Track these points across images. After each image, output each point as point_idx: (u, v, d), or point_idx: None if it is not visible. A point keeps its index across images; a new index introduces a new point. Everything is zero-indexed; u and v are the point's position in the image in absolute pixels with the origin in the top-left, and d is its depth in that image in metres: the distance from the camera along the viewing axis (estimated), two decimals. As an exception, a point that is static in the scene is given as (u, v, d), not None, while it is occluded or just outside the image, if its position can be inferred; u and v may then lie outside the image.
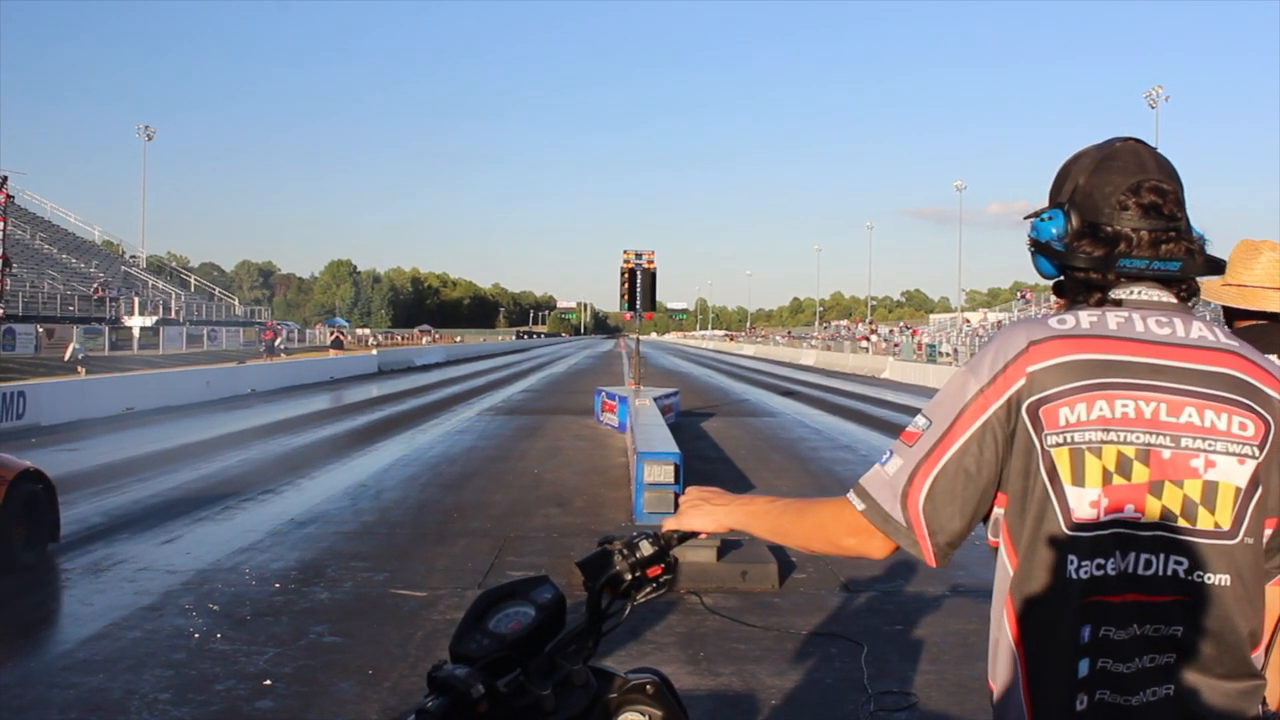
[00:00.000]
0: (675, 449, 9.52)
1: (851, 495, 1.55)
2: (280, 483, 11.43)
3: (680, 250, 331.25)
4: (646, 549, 1.75)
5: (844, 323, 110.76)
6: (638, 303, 19.61)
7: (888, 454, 1.53)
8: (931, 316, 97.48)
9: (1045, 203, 1.63)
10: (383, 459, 13.54)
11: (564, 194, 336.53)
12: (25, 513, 7.26)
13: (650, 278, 19.67)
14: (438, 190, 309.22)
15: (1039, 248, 1.59)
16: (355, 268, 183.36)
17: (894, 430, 15.91)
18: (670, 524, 1.77)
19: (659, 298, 21.01)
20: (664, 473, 9.05)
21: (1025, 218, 1.63)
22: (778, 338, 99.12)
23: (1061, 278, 1.59)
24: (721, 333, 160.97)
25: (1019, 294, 70.74)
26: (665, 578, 1.78)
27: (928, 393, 28.00)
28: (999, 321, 59.23)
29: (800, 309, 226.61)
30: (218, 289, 77.05)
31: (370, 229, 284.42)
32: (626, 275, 19.63)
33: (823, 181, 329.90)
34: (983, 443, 1.45)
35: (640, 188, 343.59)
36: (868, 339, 62.56)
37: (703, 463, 13.16)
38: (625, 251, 19.78)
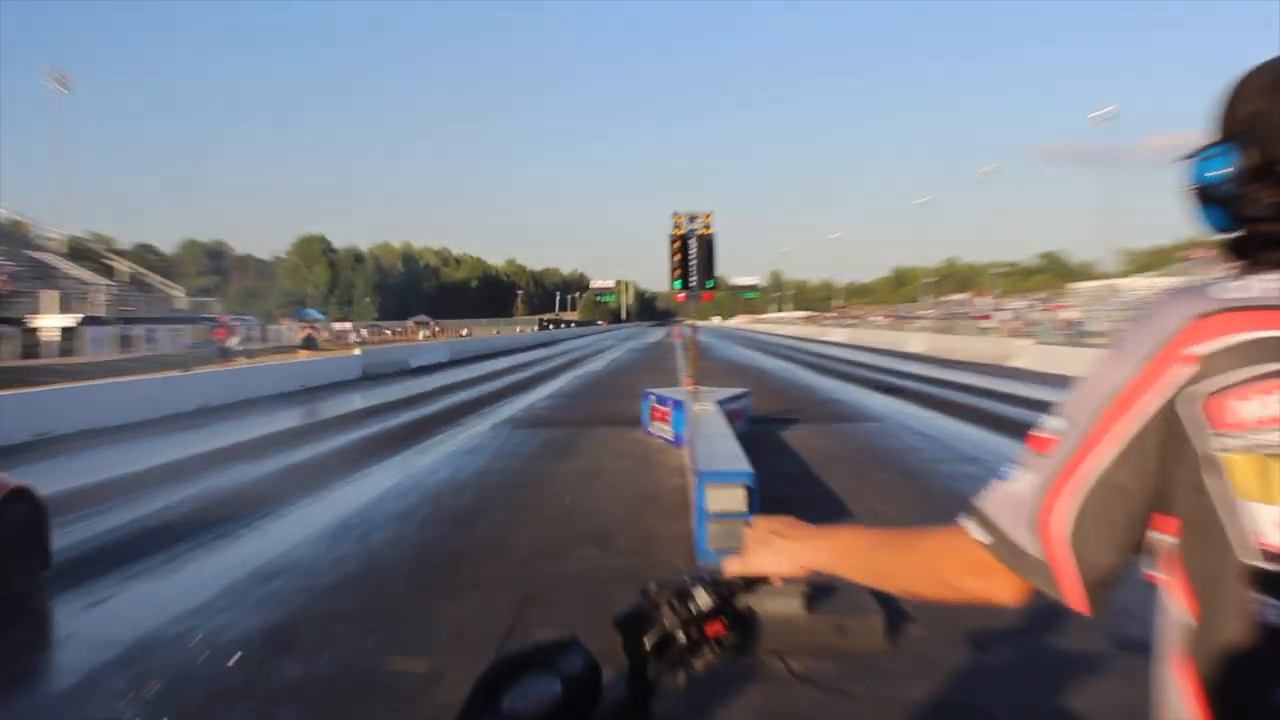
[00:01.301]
0: (747, 467, 9.64)
1: (968, 521, 1.53)
2: (239, 524, 11.61)
3: (746, 211, 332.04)
4: (704, 599, 1.72)
5: (961, 297, 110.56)
6: (693, 279, 19.75)
7: (1014, 467, 1.52)
8: (1075, 286, 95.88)
9: (1212, 136, 1.58)
10: (370, 490, 13.74)
11: (596, 144, 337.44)
12: (17, 537, 8.38)
13: (708, 246, 19.81)
14: (433, 145, 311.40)
15: (1203, 194, 1.56)
16: (330, 245, 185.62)
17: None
18: (734, 566, 1.77)
19: (720, 272, 21.00)
20: (732, 499, 9.19)
21: (1185, 157, 1.59)
22: (876, 318, 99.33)
23: (1236, 233, 1.54)
24: (803, 314, 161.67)
25: (1189, 253, 68.92)
26: (729, 638, 1.74)
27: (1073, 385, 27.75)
28: (1164, 291, 58.48)
29: (904, 281, 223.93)
30: (156, 277, 78.03)
31: (348, 196, 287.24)
32: (678, 244, 19.77)
33: (926, 113, 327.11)
34: (1136, 449, 1.43)
35: (692, 134, 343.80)
36: (990, 317, 62.73)
37: (784, 484, 13.35)
38: (675, 215, 19.84)
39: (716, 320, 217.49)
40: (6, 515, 8.21)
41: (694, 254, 19.64)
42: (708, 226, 19.75)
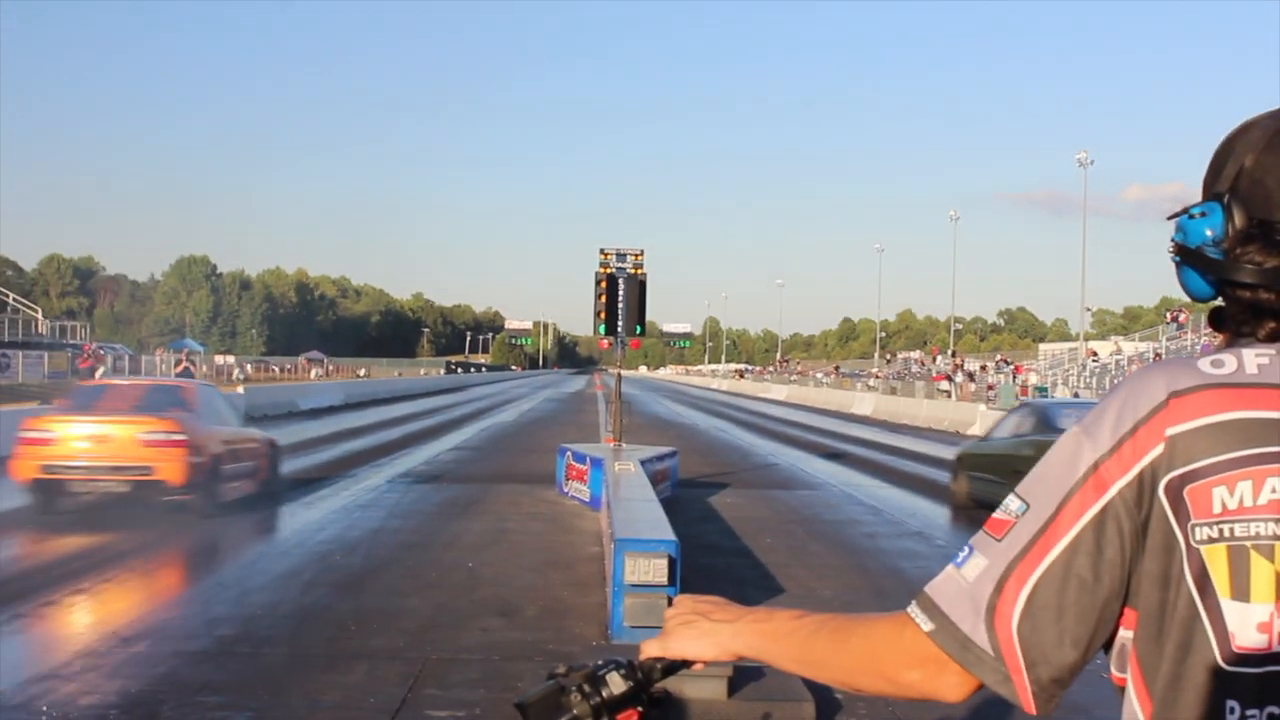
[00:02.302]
0: (670, 535, 9.69)
1: (914, 609, 1.52)
2: (96, 578, 11.48)
3: (682, 250, 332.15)
4: (617, 684, 1.71)
5: (915, 354, 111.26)
6: (620, 324, 19.79)
7: (966, 550, 1.52)
8: (1042, 346, 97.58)
9: (1199, 195, 1.62)
10: (249, 546, 13.72)
11: (516, 169, 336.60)
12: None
13: (639, 288, 19.96)
14: (334, 165, 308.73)
15: (1187, 256, 1.57)
16: (215, 268, 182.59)
17: (986, 511, 15.99)
18: (652, 648, 1.75)
19: (650, 317, 21.09)
20: (653, 569, 9.23)
21: (1169, 217, 1.62)
22: (821, 375, 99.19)
23: (1219, 300, 1.58)
24: (736, 368, 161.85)
25: (1168, 315, 69.71)
26: None
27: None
28: (1138, 356, 59.01)
29: (854, 334, 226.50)
30: (11, 296, 76.70)
31: (237, 214, 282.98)
32: (604, 284, 19.82)
33: (887, 152, 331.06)
34: (1102, 536, 1.44)
35: (624, 163, 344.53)
36: (950, 378, 62.35)
37: (710, 555, 13.39)
38: (603, 251, 19.91)
39: (643, 370, 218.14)
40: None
41: (622, 296, 19.74)
42: (639, 267, 19.86)
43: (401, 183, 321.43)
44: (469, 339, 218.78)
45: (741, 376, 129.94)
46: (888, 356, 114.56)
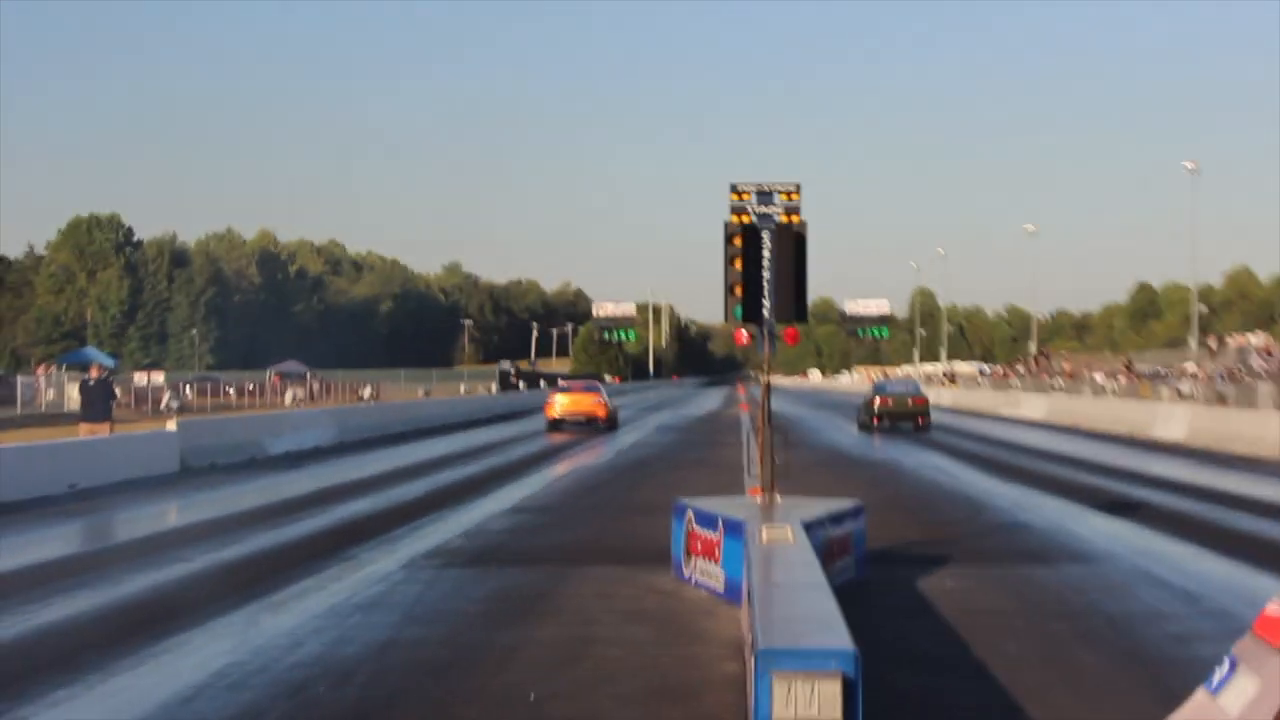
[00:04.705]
0: (846, 641, 7.98)
1: None
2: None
3: (864, 191, 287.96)
4: None
5: (1257, 339, 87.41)
6: (767, 304, 16.23)
7: (1227, 667, 1.54)
8: None
9: None
10: (188, 672, 10.99)
11: (598, 67, 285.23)
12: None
13: (795, 244, 16.19)
14: (311, 66, 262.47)
15: None
16: (130, 233, 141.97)
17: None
18: None
19: (825, 293, 16.63)
20: (819, 697, 7.39)
21: None
22: (1102, 376, 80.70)
23: None
24: (961, 368, 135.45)
25: None
26: None
27: None
28: None
29: (1155, 309, 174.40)
30: None
31: (162, 151, 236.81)
32: (739, 240, 16.16)
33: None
34: None
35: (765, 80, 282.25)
36: None
37: (917, 672, 11.07)
38: (736, 190, 16.15)
39: (816, 377, 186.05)
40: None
41: (770, 259, 16.02)
42: (794, 211, 16.14)
43: (414, 83, 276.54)
44: (535, 334, 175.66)
45: (952, 382, 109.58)
46: (1212, 344, 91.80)
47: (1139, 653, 12.01)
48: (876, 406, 47.64)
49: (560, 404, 50.94)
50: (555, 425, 49.12)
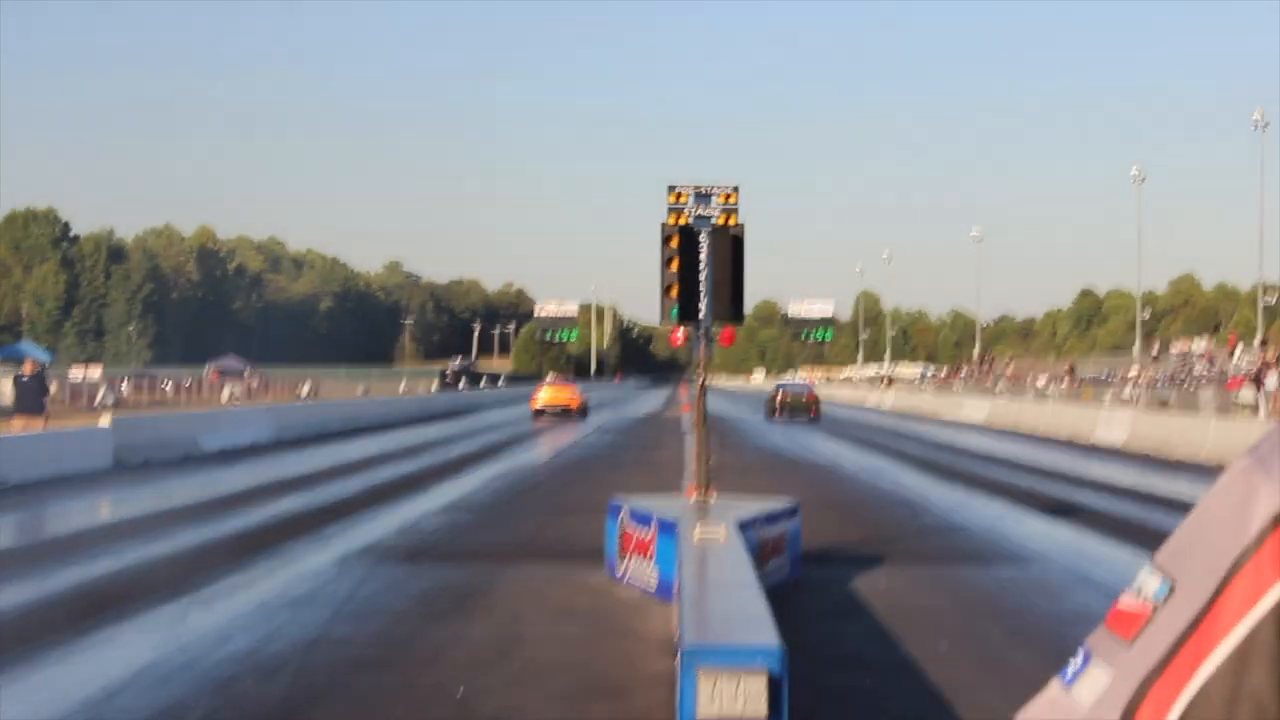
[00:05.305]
0: (771, 639, 8.09)
1: None
2: None
3: (806, 187, 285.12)
4: None
5: (1200, 345, 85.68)
6: (702, 305, 16.33)
7: (1080, 658, 1.51)
8: None
9: None
10: (111, 667, 10.96)
11: (550, 70, 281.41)
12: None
13: (732, 245, 16.37)
14: (251, 57, 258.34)
15: None
16: (66, 228, 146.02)
17: None
18: None
19: (770, 295, 17.37)
20: (744, 695, 7.44)
21: None
22: (1044, 380, 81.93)
23: None
24: (919, 370, 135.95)
25: None
26: None
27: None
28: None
29: (1100, 314, 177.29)
30: None
31: (98, 144, 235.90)
32: (676, 241, 16.30)
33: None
34: None
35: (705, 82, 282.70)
36: (1257, 382, 49.11)
37: (848, 671, 11.23)
38: (674, 190, 16.39)
39: (758, 378, 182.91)
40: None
41: (706, 260, 16.11)
42: (732, 212, 16.31)
43: (362, 85, 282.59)
44: (476, 333, 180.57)
45: (889, 384, 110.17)
46: (1154, 349, 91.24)
47: (1070, 651, 12.19)
48: (778, 400, 62.56)
49: (543, 396, 62.92)
50: (538, 414, 60.76)
